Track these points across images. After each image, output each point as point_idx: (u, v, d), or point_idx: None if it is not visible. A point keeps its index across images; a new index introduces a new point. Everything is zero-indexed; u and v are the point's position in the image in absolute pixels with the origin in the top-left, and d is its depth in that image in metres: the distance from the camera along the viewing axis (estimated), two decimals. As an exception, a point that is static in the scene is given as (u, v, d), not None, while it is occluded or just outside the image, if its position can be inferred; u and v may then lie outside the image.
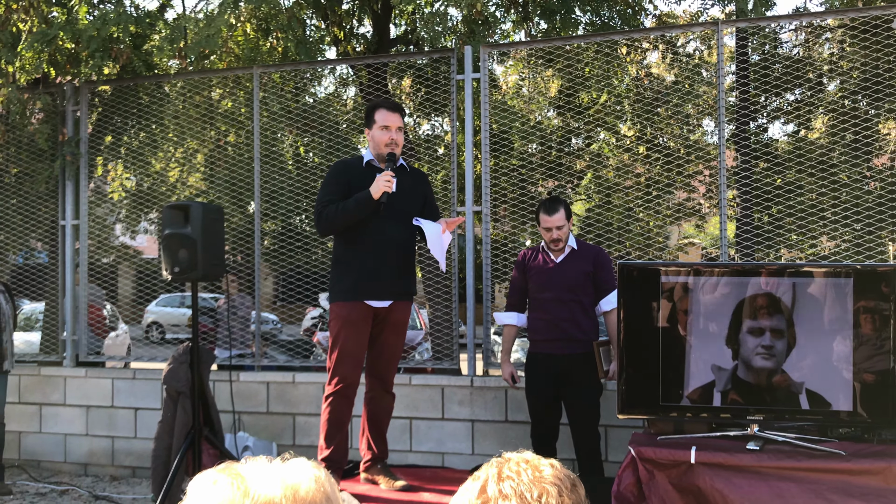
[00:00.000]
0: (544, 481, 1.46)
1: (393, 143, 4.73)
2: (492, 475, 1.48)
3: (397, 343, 4.90)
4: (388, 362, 4.90)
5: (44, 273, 8.19)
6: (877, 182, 7.01)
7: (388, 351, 4.86)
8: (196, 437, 5.10)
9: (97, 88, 7.46)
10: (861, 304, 4.15)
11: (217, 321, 9.16)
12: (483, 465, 1.53)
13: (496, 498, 1.45)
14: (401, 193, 4.70)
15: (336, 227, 4.72)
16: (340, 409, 4.78)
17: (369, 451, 4.92)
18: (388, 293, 4.73)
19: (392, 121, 4.75)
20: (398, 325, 4.84)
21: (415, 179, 4.93)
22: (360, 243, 4.70)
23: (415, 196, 4.85)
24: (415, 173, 5.05)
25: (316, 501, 1.27)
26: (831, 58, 7.38)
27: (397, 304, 4.79)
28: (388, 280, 4.71)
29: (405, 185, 4.77)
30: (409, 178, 4.86)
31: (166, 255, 5.06)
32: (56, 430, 7.06)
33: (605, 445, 5.61)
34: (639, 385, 4.38)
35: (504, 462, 1.51)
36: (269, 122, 7.50)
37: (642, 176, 7.43)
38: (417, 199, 4.86)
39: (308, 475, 1.29)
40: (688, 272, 4.40)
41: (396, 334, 4.86)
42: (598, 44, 6.74)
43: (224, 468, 1.29)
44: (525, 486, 1.45)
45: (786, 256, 7.33)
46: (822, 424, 4.26)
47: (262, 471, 1.28)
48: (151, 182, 8.14)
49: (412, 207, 4.80)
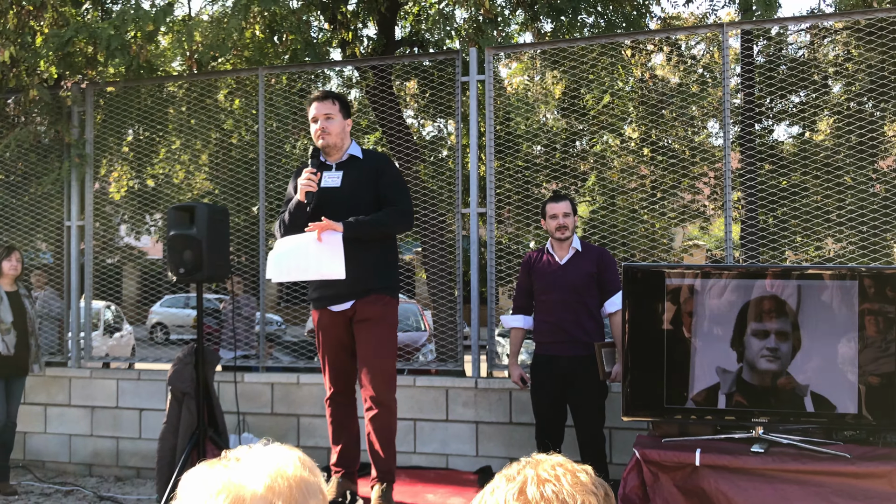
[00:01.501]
0: (585, 488, 1.45)
1: (322, 132, 4.52)
2: (531, 477, 1.46)
3: (370, 343, 4.53)
4: (368, 367, 4.54)
5: (49, 273, 8.22)
6: (882, 184, 7.00)
7: (361, 355, 4.57)
8: (200, 438, 5.11)
9: (103, 90, 7.48)
10: (866, 307, 4.14)
11: (222, 322, 9.17)
12: (511, 465, 1.50)
13: (537, 500, 1.42)
14: (347, 184, 4.51)
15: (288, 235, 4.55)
16: (334, 412, 4.77)
17: (373, 468, 4.67)
18: (344, 295, 4.50)
19: (318, 110, 4.53)
20: (366, 325, 4.52)
21: (367, 165, 4.60)
22: None
23: (364, 183, 4.54)
24: (369, 158, 4.70)
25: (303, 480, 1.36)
26: (836, 60, 7.37)
27: (360, 303, 4.51)
28: (342, 282, 4.39)
29: (353, 175, 4.55)
30: (359, 166, 4.59)
31: (171, 257, 5.07)
32: (61, 431, 7.07)
33: (610, 447, 5.60)
34: (643, 387, 4.38)
35: (538, 463, 1.49)
36: (275, 122, 7.51)
37: (647, 178, 7.43)
38: (367, 186, 4.54)
39: (291, 456, 1.39)
40: (693, 274, 4.39)
41: (366, 333, 4.52)
42: (602, 46, 6.75)
43: (210, 462, 1.38)
44: (567, 493, 1.43)
45: (791, 258, 7.32)
46: (827, 427, 4.25)
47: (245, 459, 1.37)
48: (156, 183, 8.16)
49: (362, 195, 4.50)
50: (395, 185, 4.62)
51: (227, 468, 1.35)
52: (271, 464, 1.36)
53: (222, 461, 1.38)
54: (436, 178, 8.74)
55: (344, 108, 4.64)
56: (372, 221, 4.47)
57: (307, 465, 1.40)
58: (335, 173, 4.58)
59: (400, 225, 4.65)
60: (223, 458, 1.39)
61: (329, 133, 4.53)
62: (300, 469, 1.37)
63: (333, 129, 4.54)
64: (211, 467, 1.37)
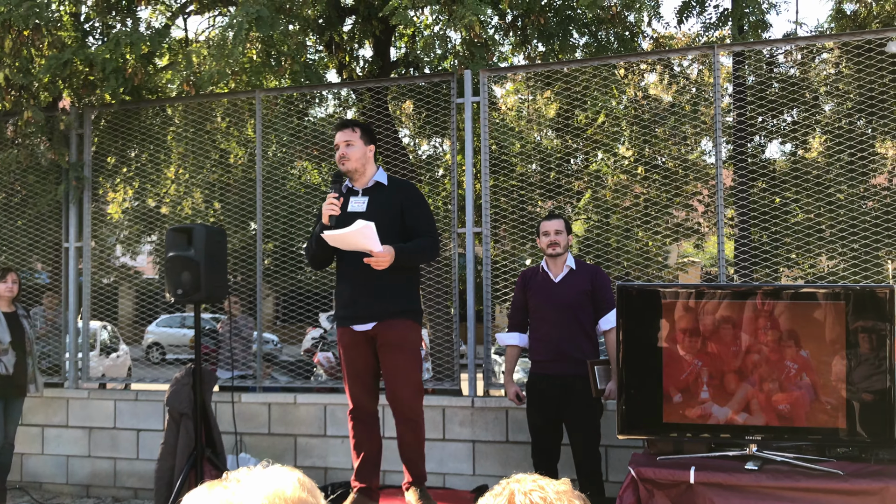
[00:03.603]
0: (570, 493, 1.55)
1: (342, 158, 4.72)
2: (517, 489, 1.55)
3: (395, 365, 4.71)
4: (393, 385, 4.74)
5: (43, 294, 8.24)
6: (874, 202, 7.06)
7: (386, 376, 4.77)
8: (198, 459, 5.13)
9: (102, 112, 7.54)
10: (859, 325, 4.19)
11: (219, 342, 9.19)
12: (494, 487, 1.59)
13: None
14: (372, 211, 4.65)
15: (313, 260, 4.84)
16: (357, 428, 4.85)
17: (407, 474, 4.91)
18: (367, 316, 4.66)
19: (338, 138, 4.75)
20: (390, 348, 4.69)
21: (393, 192, 4.78)
22: (338, 269, 4.81)
23: (389, 210, 4.70)
24: (395, 186, 4.86)
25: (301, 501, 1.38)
26: (827, 79, 7.46)
27: (382, 325, 4.66)
28: (365, 303, 4.64)
29: (379, 202, 4.71)
30: (385, 193, 4.76)
31: (169, 278, 5.11)
32: (58, 452, 7.07)
33: (606, 466, 5.63)
34: (638, 405, 4.42)
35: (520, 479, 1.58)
36: (272, 143, 7.57)
37: (641, 196, 7.49)
38: (393, 212, 4.70)
39: (290, 477, 1.42)
40: (687, 293, 4.44)
41: (391, 356, 4.69)
42: (595, 66, 6.82)
43: (210, 483, 1.42)
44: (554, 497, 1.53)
45: (785, 275, 7.37)
46: (820, 444, 4.29)
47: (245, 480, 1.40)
48: (153, 203, 8.20)
49: (387, 222, 4.62)
50: (424, 215, 4.81)
51: (226, 489, 1.38)
52: (270, 485, 1.39)
53: (222, 483, 1.41)
54: (432, 198, 8.80)
55: (365, 134, 4.82)
56: (416, 250, 4.68)
57: (306, 487, 1.43)
58: (361, 198, 4.75)
59: (433, 255, 4.89)
60: (223, 480, 1.42)
61: (349, 159, 4.72)
62: (299, 490, 1.40)
63: (353, 156, 4.72)
64: (211, 489, 1.40)
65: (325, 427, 6.42)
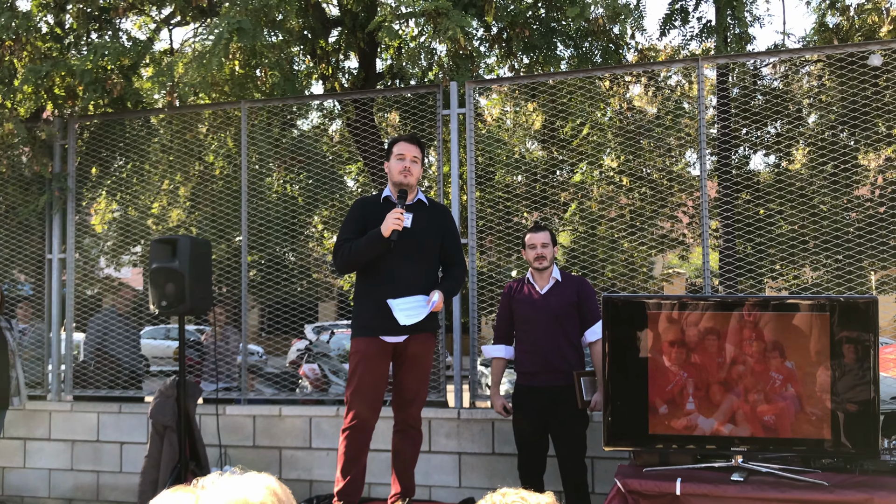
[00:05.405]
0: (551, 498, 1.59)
1: (406, 171, 4.80)
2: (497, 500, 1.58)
3: (417, 377, 4.89)
4: (410, 397, 4.90)
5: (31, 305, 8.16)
6: (857, 213, 7.11)
7: (408, 386, 4.88)
8: (182, 472, 5.09)
9: (85, 122, 7.49)
10: (843, 335, 4.21)
11: (203, 354, 9.14)
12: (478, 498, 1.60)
13: None
14: (417, 229, 4.77)
15: (352, 264, 4.85)
16: (356, 443, 4.81)
17: (396, 485, 4.97)
18: (403, 328, 4.74)
19: (408, 150, 4.84)
20: (416, 359, 4.85)
21: (434, 214, 4.96)
22: (376, 279, 4.81)
23: (433, 230, 4.89)
24: (435, 208, 5.05)
25: None
26: (811, 91, 7.51)
27: (413, 339, 4.80)
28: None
29: (423, 220, 4.83)
30: (427, 213, 4.91)
31: (154, 289, 5.08)
32: (40, 465, 7.00)
33: (592, 477, 5.62)
34: (624, 416, 4.42)
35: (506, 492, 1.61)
36: (257, 155, 7.55)
37: (626, 207, 7.51)
38: (435, 234, 4.90)
39: (259, 484, 1.42)
40: (672, 304, 4.45)
41: (416, 368, 4.86)
42: (580, 78, 6.85)
43: (178, 488, 1.42)
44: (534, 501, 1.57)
45: (769, 286, 7.40)
46: (806, 455, 4.30)
47: (214, 485, 1.40)
48: (138, 215, 8.16)
49: (429, 242, 4.86)
50: (458, 244, 5.07)
51: (191, 494, 1.38)
52: (236, 492, 1.38)
53: (189, 488, 1.40)
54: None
55: (423, 156, 5.00)
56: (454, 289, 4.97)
57: (277, 495, 1.42)
58: (407, 214, 4.80)
59: (463, 284, 5.17)
60: (192, 485, 1.41)
61: (412, 174, 4.84)
62: (268, 497, 1.39)
63: (416, 172, 4.88)
64: (174, 492, 1.39)
65: (311, 439, 6.39)
